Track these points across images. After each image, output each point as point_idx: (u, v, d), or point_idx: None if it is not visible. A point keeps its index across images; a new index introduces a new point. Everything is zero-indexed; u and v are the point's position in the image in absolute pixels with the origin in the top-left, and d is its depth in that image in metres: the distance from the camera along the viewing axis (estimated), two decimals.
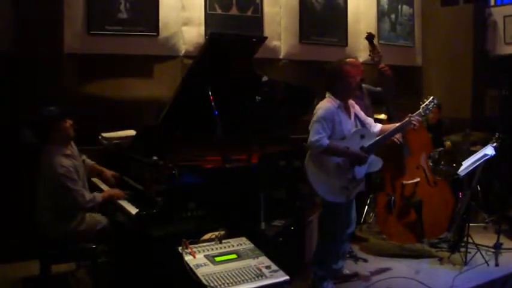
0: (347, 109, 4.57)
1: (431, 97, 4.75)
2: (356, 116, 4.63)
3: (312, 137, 4.30)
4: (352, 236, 5.68)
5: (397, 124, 4.64)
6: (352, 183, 4.47)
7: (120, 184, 4.89)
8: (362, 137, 4.49)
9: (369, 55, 5.62)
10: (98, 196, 4.46)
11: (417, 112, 4.65)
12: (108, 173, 4.97)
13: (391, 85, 5.52)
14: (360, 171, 4.49)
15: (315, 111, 4.46)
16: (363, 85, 5.48)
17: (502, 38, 8.27)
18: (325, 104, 4.44)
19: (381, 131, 4.64)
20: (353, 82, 4.47)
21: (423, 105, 4.69)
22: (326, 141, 4.28)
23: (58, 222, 4.31)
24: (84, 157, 4.85)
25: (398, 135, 5.16)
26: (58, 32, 5.70)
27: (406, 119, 4.59)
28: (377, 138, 4.56)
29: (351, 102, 4.65)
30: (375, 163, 4.59)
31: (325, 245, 4.65)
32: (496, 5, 8.52)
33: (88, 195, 4.35)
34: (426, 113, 4.76)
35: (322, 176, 4.40)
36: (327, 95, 4.54)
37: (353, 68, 4.49)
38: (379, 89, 5.64)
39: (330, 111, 4.38)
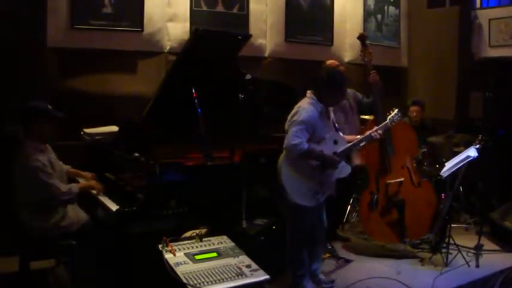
0: (327, 113, 4.54)
1: (397, 109, 4.88)
2: (332, 120, 4.63)
3: (292, 140, 4.23)
4: (334, 236, 5.68)
5: (362, 136, 4.67)
6: (323, 187, 4.47)
7: (101, 180, 4.82)
8: (335, 142, 4.49)
9: (360, 55, 5.67)
10: (75, 187, 4.41)
11: (383, 124, 4.79)
12: (87, 174, 4.91)
13: (381, 93, 5.54)
14: (331, 176, 4.51)
15: (295, 110, 4.41)
16: (348, 90, 5.51)
17: (487, 40, 8.27)
18: (308, 107, 4.39)
19: (348, 140, 4.62)
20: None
21: (389, 116, 4.83)
22: (306, 145, 4.25)
23: (37, 217, 4.26)
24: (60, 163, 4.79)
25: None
26: (41, 26, 5.63)
27: (367, 133, 4.66)
28: (347, 145, 4.54)
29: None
30: (345, 169, 4.59)
31: (295, 246, 4.59)
32: (482, 8, 8.55)
33: (64, 187, 4.31)
34: (392, 124, 4.86)
35: (296, 179, 4.38)
36: (309, 95, 4.50)
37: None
38: (365, 99, 5.65)
39: (314, 115, 4.34)
